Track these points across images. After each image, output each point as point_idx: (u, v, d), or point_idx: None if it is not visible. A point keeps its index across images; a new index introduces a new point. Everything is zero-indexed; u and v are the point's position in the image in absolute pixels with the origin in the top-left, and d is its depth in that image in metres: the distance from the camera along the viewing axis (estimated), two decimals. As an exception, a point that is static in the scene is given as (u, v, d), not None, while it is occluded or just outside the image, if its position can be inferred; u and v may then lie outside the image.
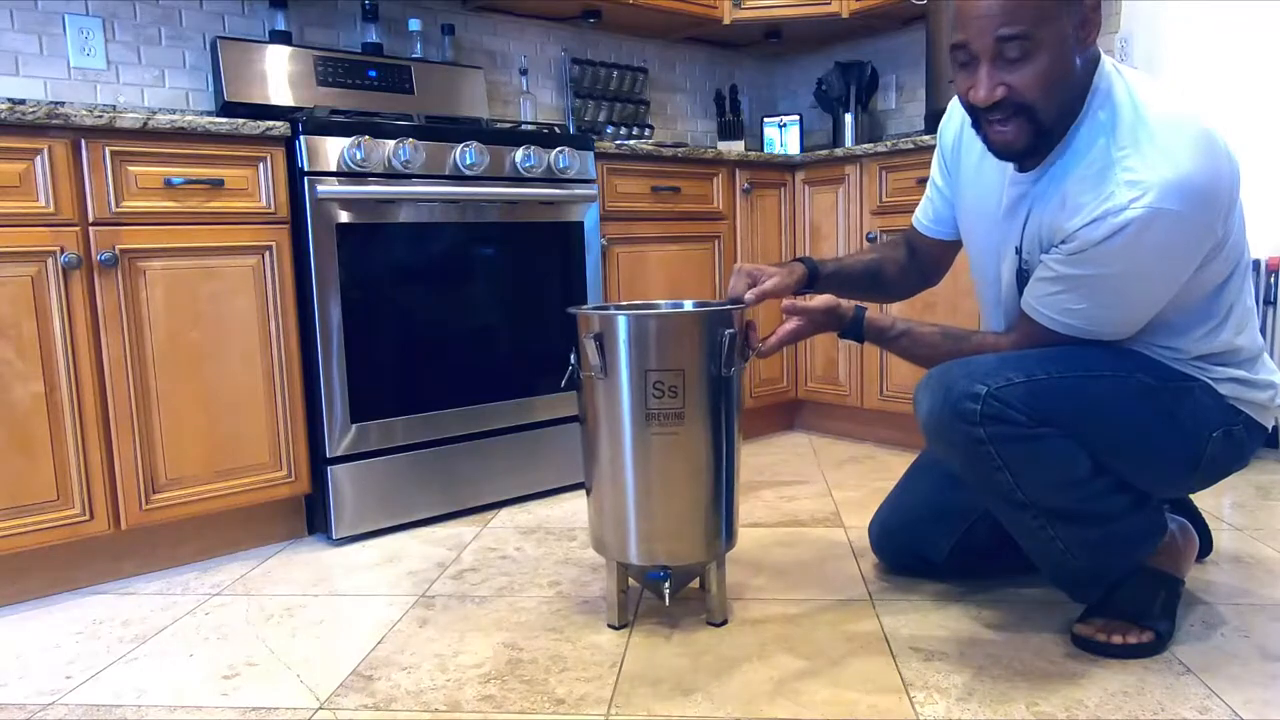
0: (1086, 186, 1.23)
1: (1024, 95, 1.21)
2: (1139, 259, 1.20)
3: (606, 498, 1.47)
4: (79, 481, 1.72)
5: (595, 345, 1.40)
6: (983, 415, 1.25)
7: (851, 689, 1.29)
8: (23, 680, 1.40)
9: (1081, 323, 1.30)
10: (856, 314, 1.48)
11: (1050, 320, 1.32)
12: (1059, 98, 1.22)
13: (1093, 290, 1.26)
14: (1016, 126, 1.24)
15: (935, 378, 1.32)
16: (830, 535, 1.97)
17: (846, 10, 3.03)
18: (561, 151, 2.25)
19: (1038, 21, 1.17)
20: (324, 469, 1.99)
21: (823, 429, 3.05)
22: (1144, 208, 1.16)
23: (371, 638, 1.51)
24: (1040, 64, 1.19)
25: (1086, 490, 1.30)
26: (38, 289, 1.66)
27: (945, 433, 1.30)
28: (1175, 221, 1.17)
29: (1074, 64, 1.21)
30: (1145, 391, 1.28)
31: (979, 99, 1.23)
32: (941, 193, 1.58)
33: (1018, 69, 1.20)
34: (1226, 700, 1.22)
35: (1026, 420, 1.25)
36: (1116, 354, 1.31)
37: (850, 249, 2.80)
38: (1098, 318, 1.29)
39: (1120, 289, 1.25)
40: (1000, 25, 1.17)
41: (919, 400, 1.34)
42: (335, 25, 2.63)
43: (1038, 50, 1.18)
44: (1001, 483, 1.30)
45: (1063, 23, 1.18)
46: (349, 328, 1.98)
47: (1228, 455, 1.33)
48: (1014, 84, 1.20)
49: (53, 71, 2.20)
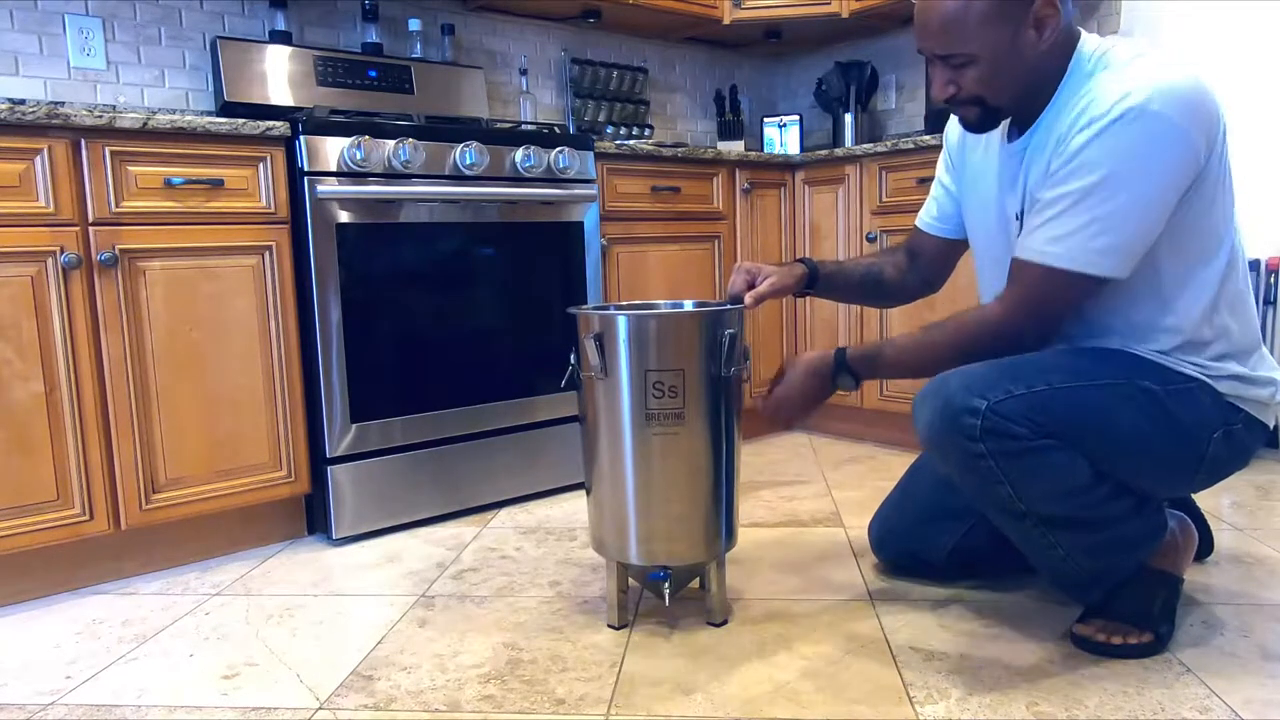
0: (1074, 112, 1.27)
1: (971, 93, 1.32)
2: (1123, 160, 1.20)
3: (606, 498, 1.47)
4: (79, 481, 1.72)
5: (595, 345, 1.40)
6: (983, 430, 1.24)
7: (851, 689, 1.29)
8: (23, 680, 1.40)
9: (1070, 251, 1.24)
10: (836, 353, 1.47)
11: (1039, 255, 1.27)
12: (1008, 88, 1.31)
13: (1079, 206, 1.23)
14: (970, 111, 1.36)
15: (932, 390, 1.31)
16: (830, 535, 1.97)
17: (846, 10, 3.03)
18: (561, 151, 2.25)
19: (968, 41, 1.27)
20: (324, 469, 2.00)
21: (823, 429, 3.05)
22: (1127, 107, 1.19)
23: (371, 638, 1.51)
24: (981, 70, 1.29)
25: (1087, 498, 1.29)
26: (38, 289, 1.66)
27: (944, 447, 1.29)
28: (1158, 122, 1.18)
29: (1024, 59, 1.29)
30: (1146, 396, 1.27)
31: (934, 96, 1.37)
32: (947, 190, 1.60)
33: (963, 73, 1.31)
34: (1226, 700, 1.22)
35: (1027, 434, 1.24)
36: (1116, 359, 1.31)
37: (850, 249, 2.80)
38: (1087, 246, 1.23)
39: (1107, 201, 1.21)
40: (934, 47, 1.31)
41: (918, 413, 1.33)
42: (335, 25, 2.63)
43: (974, 61, 1.29)
44: (1001, 495, 1.29)
45: (1001, 34, 1.27)
46: (349, 328, 1.98)
47: (1229, 454, 1.33)
48: (961, 84, 1.32)
49: (53, 71, 2.20)
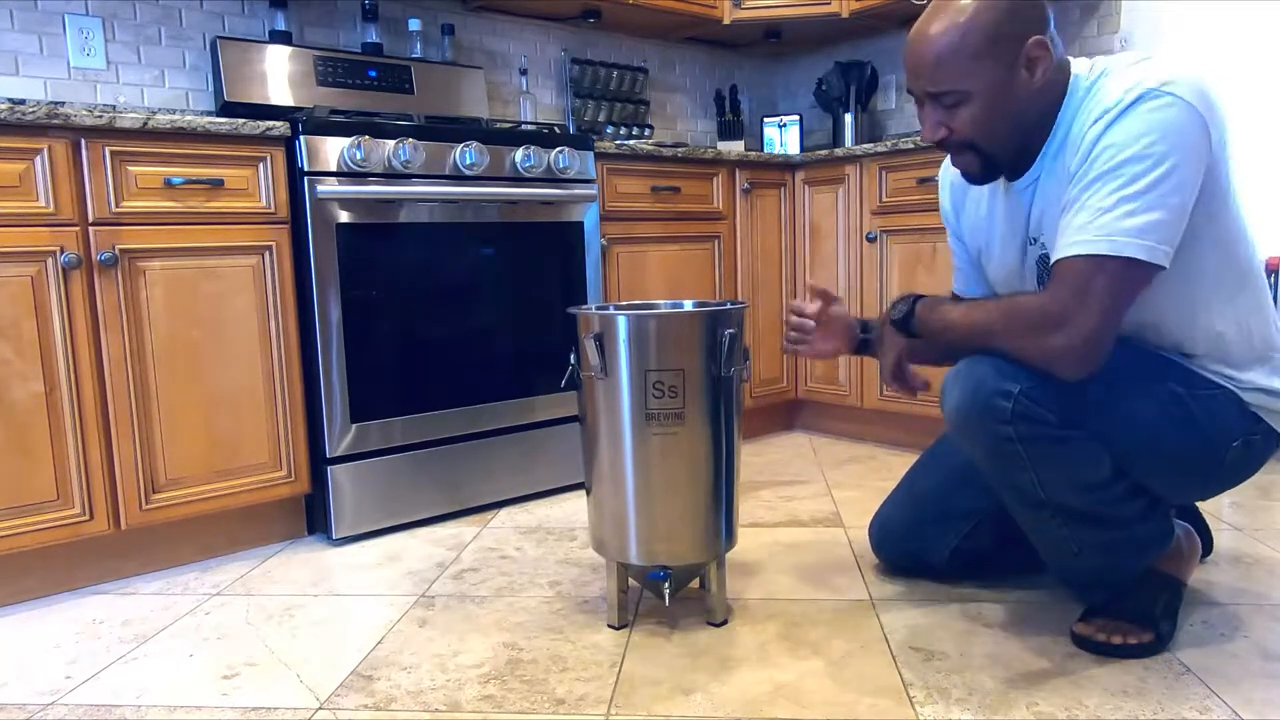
0: (1083, 123, 1.25)
1: (963, 136, 1.29)
2: (1141, 138, 1.17)
3: (606, 498, 1.47)
4: (79, 481, 1.72)
5: (595, 345, 1.40)
6: (1014, 414, 1.25)
7: (851, 689, 1.29)
8: (23, 680, 1.40)
9: (1099, 235, 1.18)
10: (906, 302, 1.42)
11: (1074, 246, 1.20)
12: (1002, 131, 1.29)
13: (1104, 190, 1.19)
14: (966, 159, 1.33)
15: (965, 371, 1.31)
16: (830, 535, 1.97)
17: (846, 10, 3.03)
18: (561, 151, 2.25)
19: (960, 77, 1.26)
20: (324, 469, 1.99)
21: (823, 429, 3.05)
22: (1137, 94, 1.18)
23: (371, 638, 1.51)
24: (974, 109, 1.27)
25: (1106, 494, 1.30)
26: (38, 289, 1.66)
27: (972, 428, 1.30)
28: (1170, 103, 1.17)
29: (1017, 99, 1.27)
30: (1173, 399, 1.28)
31: (924, 139, 1.33)
32: (965, 250, 1.58)
33: (955, 114, 1.28)
34: (1226, 700, 1.22)
35: (1057, 421, 1.25)
36: (1148, 360, 1.31)
37: (850, 249, 2.80)
38: (1114, 226, 1.17)
39: (1136, 180, 1.17)
40: (927, 84, 1.28)
41: (947, 392, 1.33)
42: (335, 25, 2.63)
43: (967, 99, 1.26)
44: (1024, 481, 1.30)
45: (993, 72, 1.25)
46: (349, 327, 1.98)
47: (1244, 464, 1.33)
48: (953, 126, 1.29)
49: (53, 71, 2.20)
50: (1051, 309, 1.21)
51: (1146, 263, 1.17)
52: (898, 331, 1.42)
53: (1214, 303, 1.28)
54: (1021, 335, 1.24)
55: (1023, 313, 1.25)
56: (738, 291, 2.84)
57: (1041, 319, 1.22)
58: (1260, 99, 2.47)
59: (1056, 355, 1.21)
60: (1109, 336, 1.21)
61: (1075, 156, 1.24)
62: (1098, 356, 1.21)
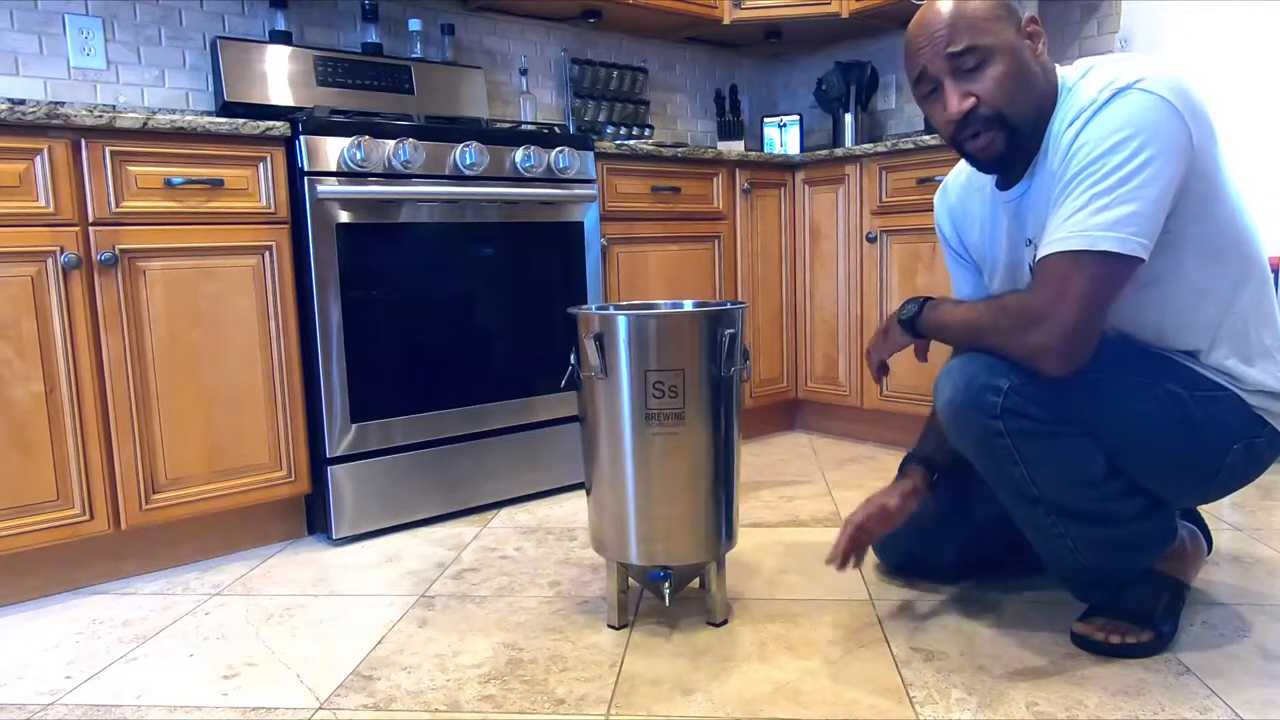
0: (1063, 126, 1.26)
1: (991, 101, 1.26)
2: (1115, 133, 1.17)
3: (606, 498, 1.47)
4: (79, 481, 1.72)
5: (595, 345, 1.40)
6: (1003, 409, 1.26)
7: (851, 689, 1.29)
8: (23, 680, 1.40)
9: (1074, 232, 1.19)
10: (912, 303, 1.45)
11: (1052, 245, 1.21)
12: (1024, 98, 1.27)
13: (1079, 188, 1.20)
14: (991, 136, 1.29)
15: (957, 366, 1.32)
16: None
17: (846, 10, 3.03)
18: (561, 151, 2.25)
19: (981, 33, 1.25)
20: (324, 469, 1.99)
21: (823, 429, 3.05)
22: (1114, 90, 1.19)
23: (371, 638, 1.51)
24: (998, 69, 1.25)
25: (1100, 491, 1.30)
26: (38, 289, 1.66)
27: (962, 422, 1.31)
28: (1145, 97, 1.17)
29: (1032, 67, 1.27)
30: (1170, 399, 1.27)
31: (952, 111, 1.27)
32: (967, 272, 1.59)
33: (978, 78, 1.26)
34: (1226, 700, 1.22)
35: (1047, 416, 1.26)
36: (1147, 359, 1.30)
37: (850, 249, 2.80)
38: (1088, 222, 1.18)
39: (1110, 175, 1.17)
40: (947, 44, 1.25)
41: (940, 388, 1.34)
42: (335, 25, 2.63)
43: (991, 57, 1.25)
44: (1015, 476, 1.31)
45: (1007, 31, 1.26)
46: (349, 328, 1.98)
47: (1246, 467, 1.32)
48: (979, 92, 1.26)
49: (53, 71, 2.20)
50: (1031, 306, 1.23)
51: (1122, 255, 1.17)
52: (904, 331, 1.45)
53: (1214, 303, 1.28)
54: (1006, 332, 1.26)
55: (1007, 311, 1.28)
56: (738, 291, 2.84)
57: (1022, 316, 1.24)
58: (1261, 98, 2.47)
59: (1038, 351, 1.23)
60: (1090, 331, 1.21)
61: (1056, 157, 1.26)
62: (1080, 352, 1.22)
